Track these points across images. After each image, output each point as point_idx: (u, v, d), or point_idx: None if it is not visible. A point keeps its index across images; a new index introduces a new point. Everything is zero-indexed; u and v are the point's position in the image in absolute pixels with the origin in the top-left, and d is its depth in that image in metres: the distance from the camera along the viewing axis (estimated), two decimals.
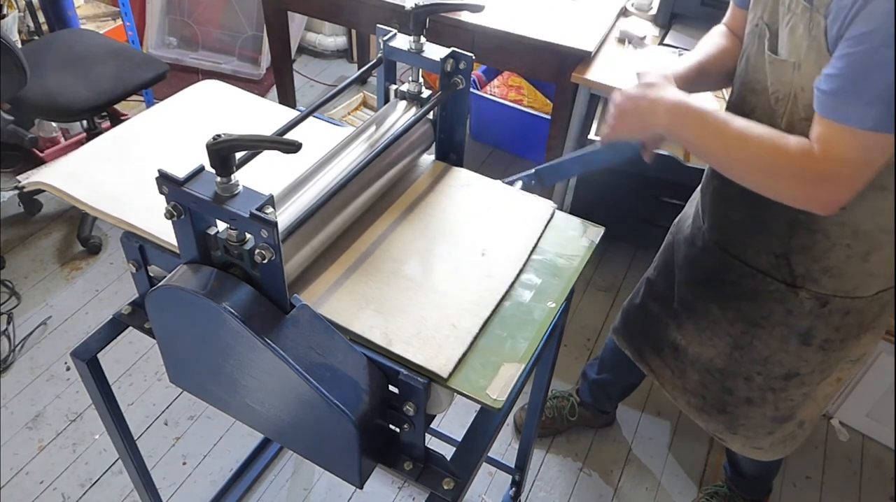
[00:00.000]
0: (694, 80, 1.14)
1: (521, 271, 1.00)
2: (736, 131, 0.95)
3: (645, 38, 1.97)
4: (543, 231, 1.07)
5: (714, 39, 1.21)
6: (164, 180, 0.78)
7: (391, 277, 0.97)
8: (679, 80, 1.09)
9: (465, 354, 0.88)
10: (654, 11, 2.08)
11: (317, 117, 1.19)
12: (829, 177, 0.90)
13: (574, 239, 1.07)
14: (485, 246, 1.03)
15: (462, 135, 1.16)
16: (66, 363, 2.06)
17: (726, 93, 1.67)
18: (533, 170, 1.18)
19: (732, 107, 1.14)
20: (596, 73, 1.82)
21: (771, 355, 1.25)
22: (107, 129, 2.60)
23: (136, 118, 1.20)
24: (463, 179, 1.15)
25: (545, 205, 1.11)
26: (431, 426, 1.19)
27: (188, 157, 0.81)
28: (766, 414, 1.33)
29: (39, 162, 2.57)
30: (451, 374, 0.85)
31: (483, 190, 1.13)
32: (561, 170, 1.18)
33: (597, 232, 1.08)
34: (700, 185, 1.32)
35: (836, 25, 0.87)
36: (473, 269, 0.99)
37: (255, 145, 0.78)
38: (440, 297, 0.94)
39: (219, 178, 0.77)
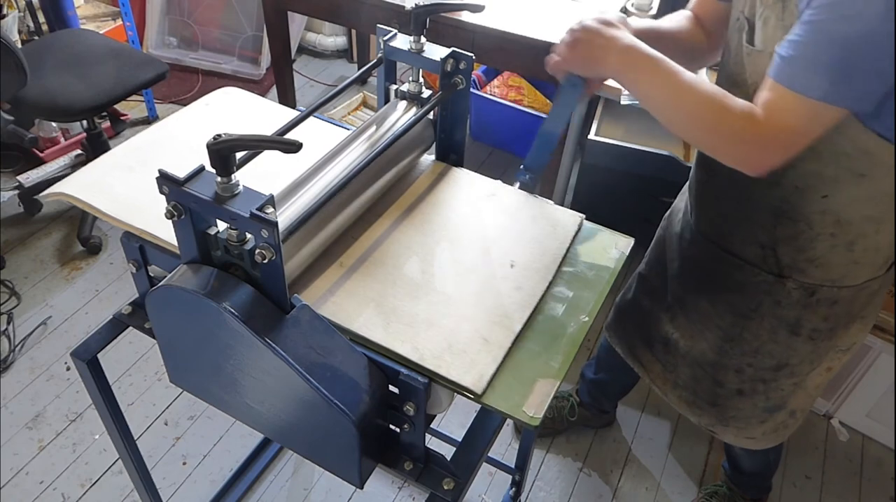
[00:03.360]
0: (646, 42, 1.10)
1: (551, 283, 0.99)
2: (685, 82, 0.94)
3: None
4: (572, 242, 1.06)
5: (677, 17, 1.20)
6: (164, 180, 0.78)
7: (419, 290, 0.95)
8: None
9: (498, 369, 0.86)
10: (654, 11, 2.07)
11: (317, 117, 1.19)
12: (767, 142, 0.90)
13: (603, 250, 1.05)
14: (513, 257, 1.01)
15: (462, 135, 1.16)
16: (66, 363, 2.06)
17: None
18: (521, 167, 1.14)
19: None
20: None
21: (761, 346, 1.25)
22: (107, 130, 2.62)
23: (156, 126, 1.20)
24: (488, 188, 1.13)
25: (572, 216, 1.09)
26: (431, 426, 1.19)
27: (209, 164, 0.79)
28: (756, 404, 1.34)
29: (39, 162, 2.58)
30: (484, 390, 0.84)
31: (507, 199, 1.11)
32: (538, 152, 1.14)
33: (626, 243, 1.07)
34: (688, 180, 1.32)
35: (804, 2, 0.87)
36: (503, 281, 0.97)
37: (255, 145, 0.78)
38: (470, 310, 0.93)
39: (219, 178, 0.77)
